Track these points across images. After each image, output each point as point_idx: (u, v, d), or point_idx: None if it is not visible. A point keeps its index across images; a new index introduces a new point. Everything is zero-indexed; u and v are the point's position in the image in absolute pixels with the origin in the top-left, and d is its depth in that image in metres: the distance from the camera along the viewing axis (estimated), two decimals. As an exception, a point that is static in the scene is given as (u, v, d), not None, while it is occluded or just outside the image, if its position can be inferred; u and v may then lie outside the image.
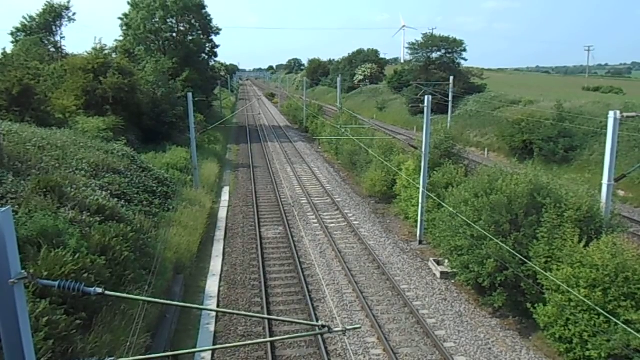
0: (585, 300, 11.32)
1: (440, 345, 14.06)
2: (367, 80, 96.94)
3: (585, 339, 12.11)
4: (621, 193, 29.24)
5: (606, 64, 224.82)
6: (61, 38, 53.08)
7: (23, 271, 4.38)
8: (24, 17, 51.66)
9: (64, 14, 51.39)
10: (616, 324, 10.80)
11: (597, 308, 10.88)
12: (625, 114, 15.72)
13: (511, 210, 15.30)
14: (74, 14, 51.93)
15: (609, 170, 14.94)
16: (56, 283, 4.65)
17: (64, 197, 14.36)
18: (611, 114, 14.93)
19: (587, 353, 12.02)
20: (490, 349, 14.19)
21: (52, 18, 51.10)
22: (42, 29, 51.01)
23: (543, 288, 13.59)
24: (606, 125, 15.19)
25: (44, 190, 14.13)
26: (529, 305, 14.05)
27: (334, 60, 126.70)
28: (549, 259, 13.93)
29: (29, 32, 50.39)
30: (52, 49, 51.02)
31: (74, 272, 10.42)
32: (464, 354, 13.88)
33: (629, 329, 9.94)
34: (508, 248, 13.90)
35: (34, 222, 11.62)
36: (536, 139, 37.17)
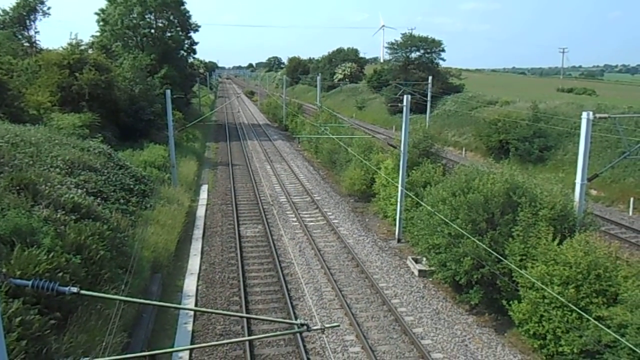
0: (559, 297, 11.57)
1: (418, 342, 14.21)
2: (346, 79, 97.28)
3: (559, 335, 12.37)
4: (594, 192, 29.94)
5: (580, 66, 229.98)
6: (35, 33, 52.10)
7: (-5, 270, 4.30)
8: (-3, 11, 50.48)
9: (38, 7, 50.33)
10: (588, 320, 11.06)
11: (570, 305, 11.11)
12: (597, 115, 16.06)
13: (487, 209, 15.53)
14: (49, 8, 51.06)
15: (582, 169, 15.26)
16: (30, 282, 4.59)
17: (38, 195, 14.08)
18: (584, 115, 15.24)
19: (560, 349, 12.29)
20: (466, 345, 14.40)
21: (26, 12, 50.00)
22: (15, 23, 49.85)
23: (518, 285, 13.83)
24: (579, 126, 15.52)
25: (17, 187, 13.83)
26: (504, 302, 14.30)
27: (313, 58, 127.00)
28: (524, 257, 14.18)
29: (1, 26, 49.22)
30: (26, 44, 49.92)
31: (48, 271, 10.25)
32: (440, 351, 14.06)
33: (600, 325, 10.21)
34: (484, 246, 14.10)
35: (7, 220, 11.38)
36: (512, 139, 37.80)
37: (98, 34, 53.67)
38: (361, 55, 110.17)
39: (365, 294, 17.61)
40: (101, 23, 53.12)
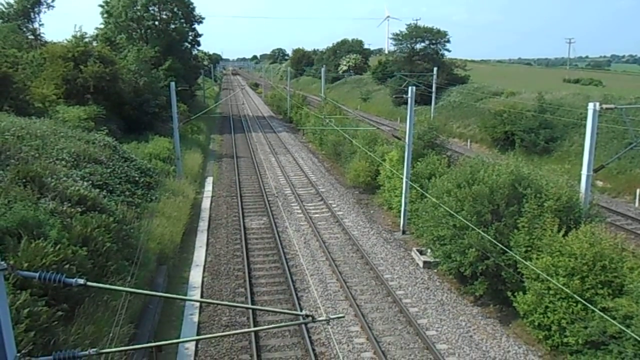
0: (564, 288, 11.55)
1: (423, 333, 14.26)
2: (351, 71, 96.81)
3: (564, 326, 12.38)
4: (600, 183, 29.78)
5: (586, 56, 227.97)
6: (40, 25, 52.01)
7: (3, 262, 4.34)
8: (1, 4, 50.43)
9: (42, 0, 50.25)
10: (593, 311, 11.05)
11: (575, 296, 11.10)
12: (604, 106, 15.93)
13: (493, 201, 15.50)
14: (53, 0, 50.88)
15: (588, 161, 15.19)
16: (37, 274, 4.62)
17: (44, 188, 14.15)
18: (591, 105, 15.15)
19: (565, 340, 12.30)
20: (471, 336, 14.43)
21: (30, 4, 49.92)
22: (19, 16, 49.79)
23: (523, 277, 13.83)
24: (586, 117, 15.43)
25: (24, 180, 13.90)
26: (509, 293, 14.29)
27: (318, 50, 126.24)
28: (529, 248, 14.17)
29: (6, 18, 49.15)
30: (31, 37, 49.92)
31: (55, 263, 10.31)
32: (445, 342, 14.10)
33: (606, 316, 10.18)
34: (489, 238, 14.10)
35: (14, 212, 11.44)
36: (517, 130, 37.57)
37: (102, 26, 53.64)
38: (366, 46, 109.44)
39: (370, 285, 17.65)
40: (105, 15, 53.08)
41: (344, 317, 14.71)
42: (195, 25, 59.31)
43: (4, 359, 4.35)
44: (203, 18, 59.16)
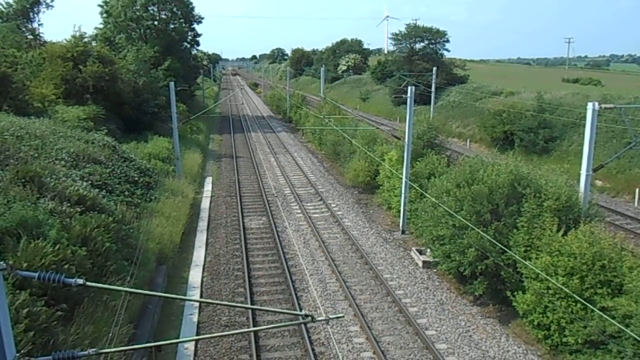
0: (563, 288, 11.56)
1: (422, 333, 14.26)
2: (350, 71, 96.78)
3: (563, 325, 12.39)
4: (599, 183, 29.81)
5: (585, 56, 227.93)
6: (39, 25, 51.93)
7: (2, 262, 4.33)
8: (0, 3, 50.41)
9: (41, 0, 50.20)
10: (592, 311, 11.06)
11: (574, 295, 11.11)
12: (603, 106, 15.95)
13: (492, 200, 15.50)
14: (52, 0, 50.82)
15: (588, 160, 15.20)
16: (36, 274, 4.62)
17: (43, 188, 14.14)
18: (590, 105, 15.16)
19: (565, 339, 12.31)
20: (470, 336, 14.44)
21: (30, 4, 49.84)
22: (19, 16, 49.74)
23: (522, 276, 13.84)
24: (585, 117, 15.44)
25: (23, 180, 13.89)
26: (508, 293, 14.31)
27: (317, 50, 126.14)
28: (529, 248, 14.17)
29: (5, 18, 49.10)
30: (30, 36, 49.87)
31: (55, 263, 10.30)
32: (444, 342, 14.11)
33: (605, 316, 10.19)
34: (489, 237, 14.10)
35: (13, 212, 11.43)
36: (517, 130, 37.60)
37: (101, 26, 53.60)
38: (365, 46, 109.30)
39: (369, 285, 17.65)
40: (104, 15, 53.03)
41: (343, 317, 14.66)
42: (195, 25, 59.32)
43: (3, 359, 4.35)
44: (202, 18, 59.21)
